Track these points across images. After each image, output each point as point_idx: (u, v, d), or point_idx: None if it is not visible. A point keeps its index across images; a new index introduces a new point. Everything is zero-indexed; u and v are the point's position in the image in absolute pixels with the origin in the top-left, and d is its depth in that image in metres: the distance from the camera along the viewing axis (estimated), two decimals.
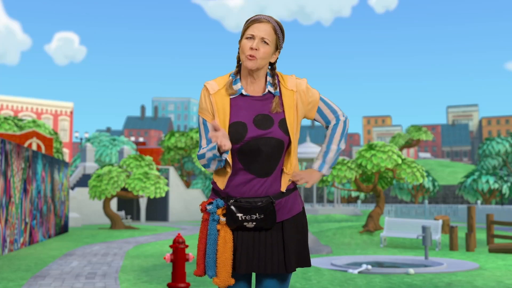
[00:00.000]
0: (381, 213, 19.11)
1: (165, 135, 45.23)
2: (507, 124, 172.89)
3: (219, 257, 2.65)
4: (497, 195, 43.65)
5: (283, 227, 2.76)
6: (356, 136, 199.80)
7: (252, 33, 2.68)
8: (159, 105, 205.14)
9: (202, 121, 2.77)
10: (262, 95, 2.75)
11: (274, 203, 2.70)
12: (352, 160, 19.16)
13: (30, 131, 28.61)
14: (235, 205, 2.67)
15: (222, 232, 2.67)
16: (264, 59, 2.70)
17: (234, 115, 2.71)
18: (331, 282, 8.97)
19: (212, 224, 2.69)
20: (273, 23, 2.71)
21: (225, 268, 2.65)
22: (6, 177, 13.46)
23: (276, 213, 2.74)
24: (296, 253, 2.77)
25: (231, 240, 2.68)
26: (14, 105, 76.34)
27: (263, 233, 2.73)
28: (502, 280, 9.30)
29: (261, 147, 2.69)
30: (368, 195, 56.68)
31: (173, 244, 7.30)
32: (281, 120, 2.72)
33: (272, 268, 2.70)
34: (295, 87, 2.78)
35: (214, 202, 2.72)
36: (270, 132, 2.69)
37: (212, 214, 2.70)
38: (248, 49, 2.67)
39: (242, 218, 2.66)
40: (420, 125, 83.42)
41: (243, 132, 2.68)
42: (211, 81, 2.78)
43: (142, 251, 14.74)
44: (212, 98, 2.72)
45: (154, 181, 24.80)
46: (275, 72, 2.81)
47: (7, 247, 13.52)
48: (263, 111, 2.72)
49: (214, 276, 2.67)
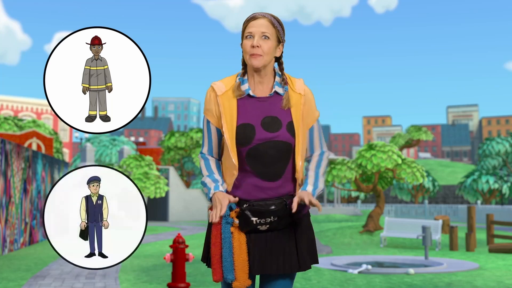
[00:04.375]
0: (381, 213, 19.11)
1: (165, 135, 45.22)
2: (507, 124, 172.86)
3: (236, 259, 2.61)
4: (497, 195, 43.65)
5: (295, 227, 2.73)
6: (356, 136, 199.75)
7: (251, 31, 2.64)
8: (159, 105, 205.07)
9: (206, 122, 2.74)
10: (269, 95, 2.70)
11: (288, 205, 2.67)
12: (352, 160, 19.15)
13: (30, 131, 28.62)
14: (250, 209, 2.62)
15: (236, 234, 2.63)
16: (268, 54, 2.65)
17: (242, 116, 2.67)
18: (331, 282, 8.97)
19: (225, 227, 2.63)
20: (269, 17, 2.67)
21: (243, 270, 2.61)
22: (6, 177, 13.46)
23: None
24: (308, 251, 2.75)
25: (245, 241, 2.64)
26: (14, 105, 76.34)
27: (275, 234, 2.69)
28: (502, 280, 9.30)
29: (269, 150, 2.64)
30: (368, 195, 56.67)
31: (173, 244, 7.30)
32: (289, 122, 2.68)
33: (284, 268, 2.67)
34: (303, 91, 2.73)
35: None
36: (278, 135, 2.65)
37: (225, 217, 2.63)
38: (250, 47, 2.63)
39: (257, 222, 2.63)
40: (420, 125, 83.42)
41: (251, 134, 2.64)
42: (218, 82, 2.73)
43: (142, 251, 14.74)
44: (219, 99, 2.68)
45: (154, 181, 24.80)
46: (283, 69, 2.75)
47: (7, 247, 13.52)
48: (270, 112, 2.68)
49: (233, 280, 2.61)
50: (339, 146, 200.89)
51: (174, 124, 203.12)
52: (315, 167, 2.77)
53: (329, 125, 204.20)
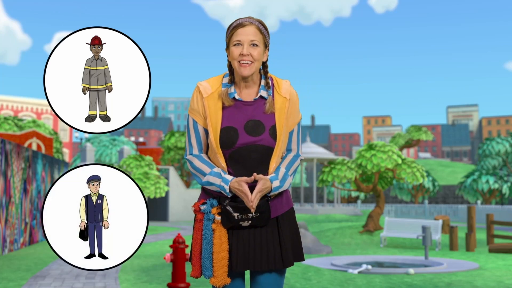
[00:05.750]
0: (381, 213, 19.11)
1: (165, 135, 45.22)
2: (507, 124, 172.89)
3: (215, 256, 2.64)
4: (497, 195, 43.65)
5: (278, 223, 2.75)
6: (356, 136, 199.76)
7: (239, 39, 2.65)
8: (159, 105, 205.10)
9: (192, 122, 2.75)
10: (253, 100, 2.72)
11: (269, 200, 2.70)
12: (352, 160, 19.16)
13: (30, 131, 28.63)
14: (231, 205, 2.65)
15: (217, 231, 2.66)
16: (258, 61, 2.67)
17: (226, 119, 2.69)
18: (331, 282, 8.97)
19: (207, 224, 2.67)
20: (255, 24, 2.68)
21: (222, 268, 2.64)
22: (6, 177, 13.46)
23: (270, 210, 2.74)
24: (292, 248, 2.77)
25: (226, 239, 2.66)
26: (14, 105, 76.34)
27: (258, 230, 2.72)
28: (502, 280, 9.29)
29: (251, 154, 2.67)
30: (368, 195, 56.67)
31: (173, 244, 7.30)
32: (272, 126, 2.69)
33: (268, 264, 2.69)
34: (289, 95, 2.74)
35: (208, 201, 2.71)
36: (261, 139, 2.67)
37: (206, 214, 2.68)
38: (239, 55, 2.64)
39: (239, 217, 2.66)
40: (420, 125, 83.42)
41: (234, 138, 2.66)
42: (203, 82, 2.74)
43: (142, 251, 14.74)
44: (205, 102, 2.70)
45: (154, 181, 24.80)
46: (267, 72, 2.77)
47: (7, 247, 13.52)
48: (254, 116, 2.69)
49: (211, 276, 2.65)
50: (339, 146, 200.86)
51: (174, 124, 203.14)
52: (287, 165, 2.77)
53: (329, 125, 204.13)
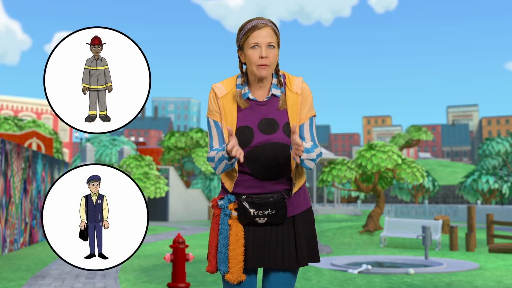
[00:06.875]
0: (381, 213, 19.11)
1: (165, 135, 45.23)
2: (507, 124, 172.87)
3: (231, 252, 2.64)
4: (497, 195, 43.64)
5: (295, 222, 2.76)
6: (356, 136, 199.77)
7: (257, 41, 2.67)
8: (159, 105, 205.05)
9: (213, 123, 2.77)
10: (266, 99, 2.74)
11: (286, 198, 2.71)
12: (352, 160, 19.15)
13: (30, 131, 28.62)
14: (248, 201, 2.67)
15: (233, 227, 2.66)
16: (274, 63, 2.71)
17: (241, 119, 2.72)
18: (331, 282, 8.97)
19: (223, 219, 2.68)
20: (270, 25, 2.71)
21: (237, 264, 2.64)
22: (6, 177, 13.46)
23: (287, 208, 2.75)
24: (307, 248, 2.78)
25: (242, 235, 2.67)
26: (14, 105, 76.33)
27: (274, 228, 2.73)
28: (502, 280, 9.29)
29: (267, 152, 2.68)
30: (368, 195, 56.67)
31: (173, 244, 7.30)
32: (286, 123, 2.71)
33: (283, 263, 2.70)
34: (300, 90, 2.76)
35: (225, 197, 2.73)
36: (275, 137, 2.69)
37: (223, 209, 2.69)
38: (258, 58, 2.67)
39: (254, 213, 2.66)
40: (420, 125, 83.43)
41: (249, 137, 2.68)
42: (218, 83, 2.78)
43: (142, 251, 14.74)
44: (219, 102, 2.73)
45: (154, 181, 24.80)
46: (278, 70, 2.79)
47: (7, 247, 13.52)
48: (267, 115, 2.72)
49: (226, 272, 2.65)
50: (339, 146, 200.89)
51: (174, 124, 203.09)
52: (312, 144, 2.74)
53: (329, 125, 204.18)
